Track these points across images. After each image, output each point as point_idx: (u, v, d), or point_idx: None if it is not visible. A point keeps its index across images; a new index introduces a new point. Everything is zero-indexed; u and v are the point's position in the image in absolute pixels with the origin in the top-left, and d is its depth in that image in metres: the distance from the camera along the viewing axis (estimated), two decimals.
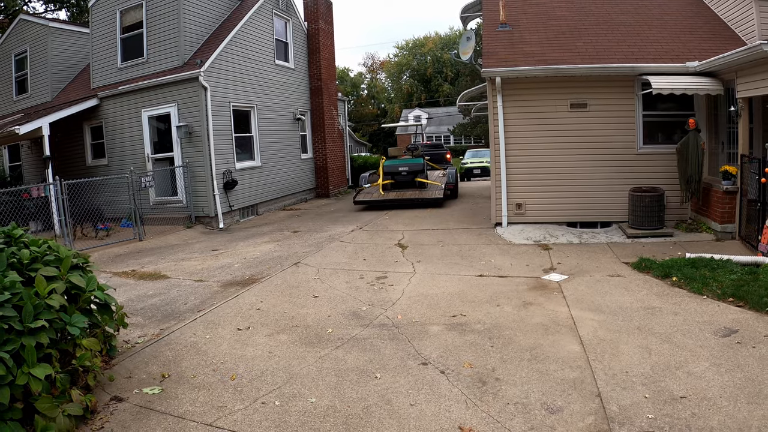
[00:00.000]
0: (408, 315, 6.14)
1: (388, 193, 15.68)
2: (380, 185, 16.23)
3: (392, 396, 4.22)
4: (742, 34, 10.69)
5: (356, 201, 15.54)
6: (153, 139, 14.54)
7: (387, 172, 16.49)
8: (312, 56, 19.35)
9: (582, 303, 6.29)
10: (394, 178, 16.36)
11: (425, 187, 15.95)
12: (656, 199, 9.81)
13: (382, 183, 16.28)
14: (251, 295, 7.22)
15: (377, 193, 15.79)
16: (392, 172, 16.41)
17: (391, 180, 16.37)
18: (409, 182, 16.25)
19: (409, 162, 16.57)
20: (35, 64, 17.72)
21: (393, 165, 16.55)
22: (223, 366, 4.97)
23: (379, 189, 16.13)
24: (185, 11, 14.04)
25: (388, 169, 16.51)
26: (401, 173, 16.30)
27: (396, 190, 15.98)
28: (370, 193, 16.03)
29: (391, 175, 16.42)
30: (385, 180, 16.38)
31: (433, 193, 15.09)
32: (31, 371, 3.62)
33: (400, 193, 15.62)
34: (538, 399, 4.06)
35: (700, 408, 3.78)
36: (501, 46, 11.25)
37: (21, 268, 4.21)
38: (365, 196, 15.63)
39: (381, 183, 16.30)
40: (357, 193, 16.43)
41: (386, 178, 16.43)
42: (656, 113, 10.58)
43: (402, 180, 16.29)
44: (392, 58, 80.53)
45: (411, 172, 16.25)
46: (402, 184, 16.31)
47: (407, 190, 15.97)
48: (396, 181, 16.34)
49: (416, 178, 16.19)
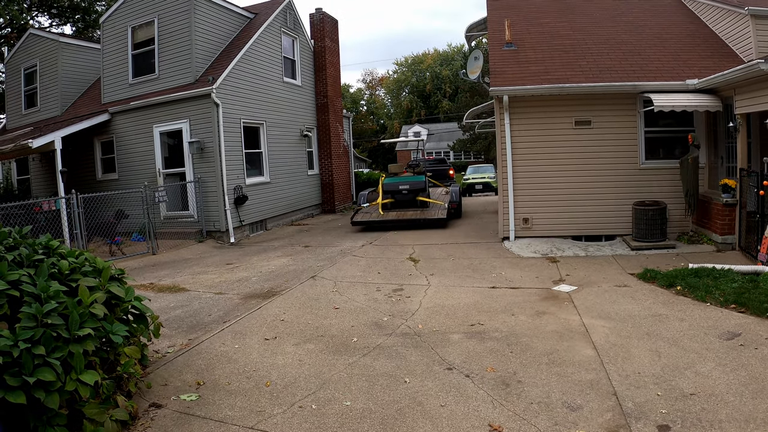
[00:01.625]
0: (428, 324, 6.42)
1: (388, 213, 14.88)
2: (379, 204, 15.43)
3: (423, 398, 4.49)
4: (740, 52, 11.07)
5: (354, 222, 14.81)
6: (164, 155, 14.83)
7: (387, 190, 15.67)
8: (318, 73, 19.76)
9: (592, 311, 6.59)
10: (394, 197, 15.54)
11: (427, 206, 15.19)
12: (659, 213, 10.14)
13: (381, 202, 15.47)
14: (274, 306, 7.49)
15: (376, 213, 14.98)
16: (392, 190, 15.57)
17: (391, 199, 15.56)
18: (410, 201, 15.42)
19: (410, 180, 15.74)
20: (45, 78, 17.98)
21: (393, 183, 15.70)
22: (256, 373, 5.22)
23: (378, 208, 15.32)
24: (197, 29, 14.40)
25: (388, 187, 15.69)
26: (402, 192, 15.45)
27: (396, 210, 15.20)
28: (369, 212, 15.22)
29: (390, 193, 15.60)
30: (384, 199, 15.60)
31: (436, 213, 14.35)
32: (80, 377, 3.71)
33: (401, 212, 14.84)
34: (558, 398, 4.35)
35: (708, 403, 4.11)
36: (507, 66, 11.62)
37: (61, 278, 4.35)
38: (363, 216, 14.88)
39: (380, 202, 15.49)
40: (355, 213, 15.67)
41: (386, 196, 15.65)
42: (657, 129, 10.95)
43: (402, 199, 15.46)
44: (392, 75, 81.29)
45: (412, 190, 15.42)
46: (402, 203, 15.48)
47: (408, 209, 15.19)
48: (396, 200, 15.52)
49: (418, 197, 15.36)
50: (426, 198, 15.43)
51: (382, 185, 15.90)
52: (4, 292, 3.69)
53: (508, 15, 13.22)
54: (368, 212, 15.20)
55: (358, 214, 15.14)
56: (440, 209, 14.65)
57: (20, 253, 4.26)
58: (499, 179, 11.61)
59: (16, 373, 3.38)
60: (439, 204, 15.17)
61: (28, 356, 3.44)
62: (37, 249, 4.52)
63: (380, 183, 16.21)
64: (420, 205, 15.29)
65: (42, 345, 3.55)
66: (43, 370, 3.48)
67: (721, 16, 12.00)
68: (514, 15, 13.65)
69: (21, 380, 3.36)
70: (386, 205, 15.45)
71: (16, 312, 3.69)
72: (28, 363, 3.43)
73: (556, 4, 14.75)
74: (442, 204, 15.11)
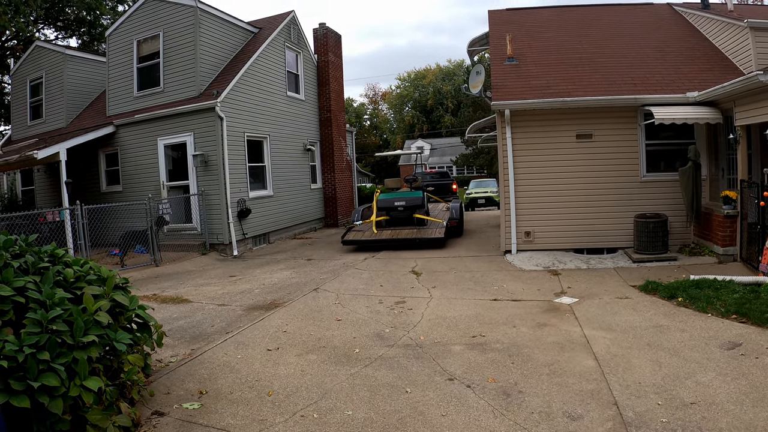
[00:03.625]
0: (430, 336, 6.44)
1: (382, 232, 13.92)
2: (373, 222, 14.39)
3: (424, 408, 4.51)
4: (740, 64, 11.16)
5: (344, 241, 13.81)
6: (168, 167, 14.95)
7: (381, 207, 14.67)
8: (321, 88, 19.92)
9: (594, 323, 6.60)
10: (390, 214, 14.58)
11: (425, 225, 14.24)
12: (660, 225, 10.17)
13: (375, 219, 14.44)
14: (276, 318, 7.51)
15: (369, 231, 14.02)
16: (387, 207, 14.61)
17: (386, 216, 14.60)
18: (406, 219, 14.46)
19: (406, 195, 14.81)
20: (51, 90, 18.20)
21: (388, 199, 14.75)
22: (258, 383, 5.23)
23: (372, 226, 14.30)
24: (202, 43, 14.56)
25: (383, 203, 14.70)
26: (397, 208, 14.47)
27: (391, 228, 14.27)
28: (362, 230, 14.26)
29: (386, 210, 14.63)
30: (378, 216, 14.59)
31: (433, 232, 13.38)
32: (84, 383, 3.75)
33: (396, 231, 13.90)
34: (559, 408, 4.36)
35: (709, 412, 4.12)
36: (509, 80, 11.73)
37: (66, 285, 4.40)
38: (355, 235, 13.94)
39: (374, 219, 14.44)
40: (347, 230, 14.69)
41: (380, 213, 14.66)
42: (658, 142, 11.02)
43: (398, 216, 14.52)
44: (394, 90, 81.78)
45: (409, 207, 14.40)
46: (398, 221, 14.55)
47: (404, 227, 14.27)
48: (391, 217, 14.57)
49: (415, 214, 14.38)
50: (423, 215, 14.49)
51: (376, 201, 14.93)
52: (10, 298, 3.73)
53: (510, 30, 13.36)
54: (361, 230, 14.37)
55: (350, 233, 14.30)
56: (438, 228, 13.71)
57: (26, 261, 4.31)
58: (501, 193, 11.66)
59: (21, 377, 3.42)
60: (438, 222, 14.21)
61: (32, 361, 3.47)
62: (42, 257, 4.56)
63: (374, 199, 15.20)
64: (417, 223, 14.41)
65: (47, 350, 3.60)
66: (48, 375, 3.52)
67: (720, 29, 12.10)
68: (516, 29, 13.79)
69: (25, 384, 3.40)
70: (381, 223, 14.56)
71: (21, 318, 3.73)
72: (33, 368, 3.47)
73: (557, 18, 14.91)
74: (440, 222, 14.14)
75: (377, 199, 14.91)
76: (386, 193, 15.44)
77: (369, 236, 13.63)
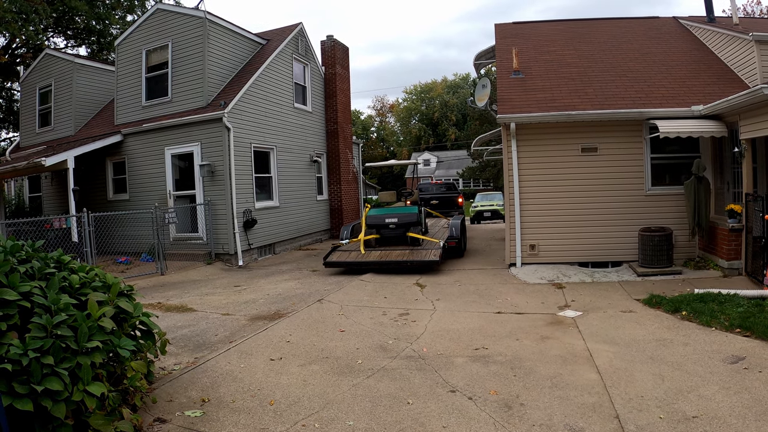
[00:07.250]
0: (433, 348, 6.44)
1: (370, 253, 12.24)
2: (361, 241, 12.83)
3: (425, 419, 4.50)
4: (745, 77, 11.16)
5: (327, 263, 12.15)
6: (175, 177, 15.05)
7: (371, 224, 13.05)
8: (328, 100, 20.03)
9: (597, 336, 6.59)
10: (380, 232, 12.96)
11: (419, 244, 12.60)
12: (665, 239, 10.15)
13: (363, 238, 12.90)
14: (280, 328, 7.52)
15: (356, 252, 12.41)
16: (377, 224, 12.96)
17: (376, 235, 12.99)
18: (398, 237, 12.81)
19: (399, 212, 13.15)
20: (59, 98, 18.39)
21: (379, 215, 13.11)
22: (261, 392, 5.24)
23: (359, 246, 12.72)
24: (210, 53, 14.69)
25: (372, 220, 13.06)
26: (388, 226, 12.82)
27: (381, 248, 12.61)
28: (348, 251, 12.60)
29: (375, 228, 13.00)
30: (368, 234, 13.11)
31: (428, 254, 11.70)
32: (87, 388, 3.77)
33: (386, 252, 12.19)
34: (560, 421, 4.35)
35: (711, 426, 4.10)
36: (515, 93, 11.77)
37: (71, 291, 4.43)
38: (339, 256, 12.31)
39: (362, 238, 12.89)
40: (331, 250, 12.92)
41: (369, 231, 13.15)
42: (663, 156, 11.02)
43: (390, 235, 12.86)
44: (401, 103, 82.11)
45: (401, 224, 12.74)
46: (390, 240, 12.90)
47: (396, 247, 12.58)
48: (382, 235, 12.94)
49: (408, 233, 12.74)
50: (418, 234, 12.89)
51: (365, 218, 13.30)
52: (16, 302, 3.76)
53: (516, 43, 13.44)
54: (347, 250, 12.69)
55: (334, 253, 12.59)
56: (434, 249, 12.02)
57: (32, 266, 4.34)
58: (506, 206, 11.67)
59: (25, 381, 3.45)
60: (434, 242, 12.52)
61: (36, 365, 3.50)
62: (48, 263, 4.60)
63: (363, 215, 13.62)
64: (411, 243, 12.74)
65: (51, 355, 3.61)
66: (51, 379, 3.54)
67: (725, 43, 12.12)
68: (522, 43, 13.87)
69: (29, 388, 3.42)
70: (370, 242, 13.01)
71: (26, 322, 3.76)
72: (37, 372, 3.49)
73: (563, 32, 14.97)
74: (437, 242, 12.46)
75: (366, 215, 13.39)
76: (377, 209, 13.90)
77: (355, 257, 12.13)
